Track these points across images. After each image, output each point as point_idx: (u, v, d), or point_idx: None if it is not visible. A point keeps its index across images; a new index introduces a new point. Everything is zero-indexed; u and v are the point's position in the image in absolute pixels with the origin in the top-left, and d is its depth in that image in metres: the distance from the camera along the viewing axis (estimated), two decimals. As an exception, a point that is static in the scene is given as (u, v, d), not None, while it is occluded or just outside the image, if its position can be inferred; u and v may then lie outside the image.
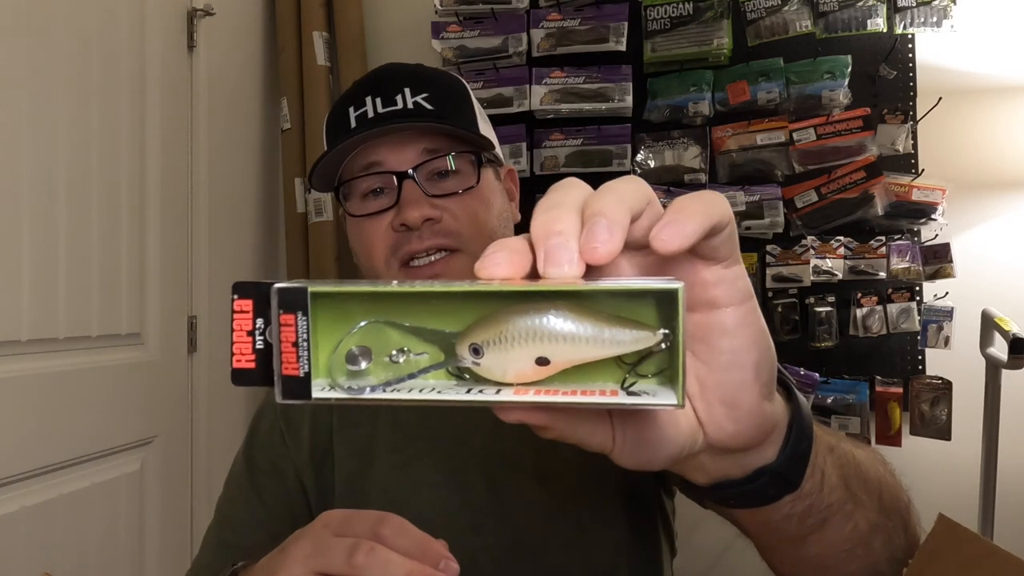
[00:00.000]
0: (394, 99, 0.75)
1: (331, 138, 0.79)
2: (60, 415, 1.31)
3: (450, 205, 0.75)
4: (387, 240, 0.75)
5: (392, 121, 0.74)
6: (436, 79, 0.80)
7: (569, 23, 1.83)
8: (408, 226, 0.73)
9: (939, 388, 1.67)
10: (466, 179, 0.77)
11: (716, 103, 1.79)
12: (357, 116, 0.76)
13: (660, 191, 1.80)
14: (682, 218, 0.31)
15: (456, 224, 0.75)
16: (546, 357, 0.30)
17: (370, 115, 0.75)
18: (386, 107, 0.75)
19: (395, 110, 0.75)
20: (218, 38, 1.79)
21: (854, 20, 1.72)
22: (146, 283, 1.54)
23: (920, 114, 1.71)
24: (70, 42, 1.34)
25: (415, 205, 0.73)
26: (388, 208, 0.75)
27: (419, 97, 0.76)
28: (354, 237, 0.79)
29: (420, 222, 0.73)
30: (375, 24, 2.04)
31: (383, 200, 0.76)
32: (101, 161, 1.41)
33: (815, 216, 1.74)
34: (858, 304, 1.71)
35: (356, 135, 0.74)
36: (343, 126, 0.77)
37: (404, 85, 0.76)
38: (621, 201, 0.31)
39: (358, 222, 0.77)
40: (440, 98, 0.77)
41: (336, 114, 0.80)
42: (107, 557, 1.42)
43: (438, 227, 0.74)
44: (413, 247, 0.74)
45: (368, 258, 0.77)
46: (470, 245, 0.75)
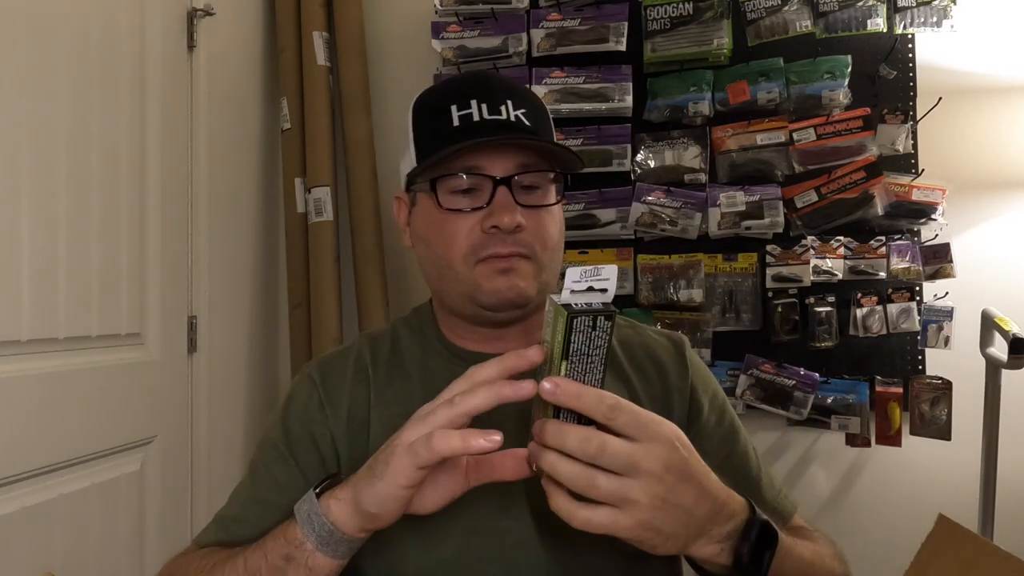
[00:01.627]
0: (499, 108, 0.80)
1: (426, 130, 0.83)
2: (60, 415, 1.31)
3: (531, 217, 0.79)
4: (472, 238, 0.79)
5: (499, 130, 0.79)
6: (530, 97, 0.84)
7: (569, 23, 1.83)
8: (500, 229, 0.77)
9: (939, 388, 1.68)
10: (548, 196, 0.82)
11: (716, 103, 1.79)
12: (461, 116, 0.79)
13: (660, 191, 1.80)
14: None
15: (532, 237, 0.80)
16: None
17: (475, 119, 0.79)
18: (491, 115, 0.79)
19: (500, 120, 0.79)
20: (218, 38, 1.79)
21: (854, 20, 1.72)
22: (146, 283, 1.54)
23: (920, 114, 1.71)
24: (70, 42, 1.34)
25: (509, 211, 0.77)
26: (477, 208, 0.79)
27: (519, 112, 0.80)
28: (432, 229, 0.83)
29: (512, 227, 0.77)
30: (375, 24, 2.04)
31: (472, 200, 0.80)
32: (101, 161, 1.41)
33: (815, 216, 1.74)
34: (858, 304, 1.71)
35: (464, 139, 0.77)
36: (445, 123, 0.80)
37: (508, 97, 0.81)
38: None
39: (443, 216, 0.80)
40: (534, 116, 0.82)
41: (435, 108, 0.82)
42: (107, 557, 1.42)
43: (520, 236, 0.79)
44: (498, 249, 0.78)
45: (446, 249, 0.81)
46: (540, 256, 0.81)
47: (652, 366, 0.88)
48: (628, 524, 0.57)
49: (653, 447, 0.57)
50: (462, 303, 0.83)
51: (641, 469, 0.56)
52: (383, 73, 2.05)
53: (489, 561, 0.77)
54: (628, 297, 1.83)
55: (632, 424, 0.57)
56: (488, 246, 0.79)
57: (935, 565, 0.46)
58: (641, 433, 0.57)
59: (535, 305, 0.81)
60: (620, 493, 0.56)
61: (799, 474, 1.82)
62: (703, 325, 1.79)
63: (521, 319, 0.83)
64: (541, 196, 0.82)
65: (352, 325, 1.97)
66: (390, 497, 0.61)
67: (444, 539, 0.77)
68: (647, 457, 0.57)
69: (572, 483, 0.56)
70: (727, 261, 1.79)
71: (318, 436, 0.84)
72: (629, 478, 0.56)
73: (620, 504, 0.56)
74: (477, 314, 0.83)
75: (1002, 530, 1.48)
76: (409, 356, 0.88)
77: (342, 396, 0.86)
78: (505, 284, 0.78)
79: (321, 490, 0.68)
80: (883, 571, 1.73)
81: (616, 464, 0.56)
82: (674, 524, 0.58)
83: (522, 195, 0.80)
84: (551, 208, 0.83)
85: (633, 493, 0.56)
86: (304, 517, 0.67)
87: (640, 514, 0.57)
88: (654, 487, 0.57)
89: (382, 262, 1.92)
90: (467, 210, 0.79)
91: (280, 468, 0.84)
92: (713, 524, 0.61)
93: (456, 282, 0.81)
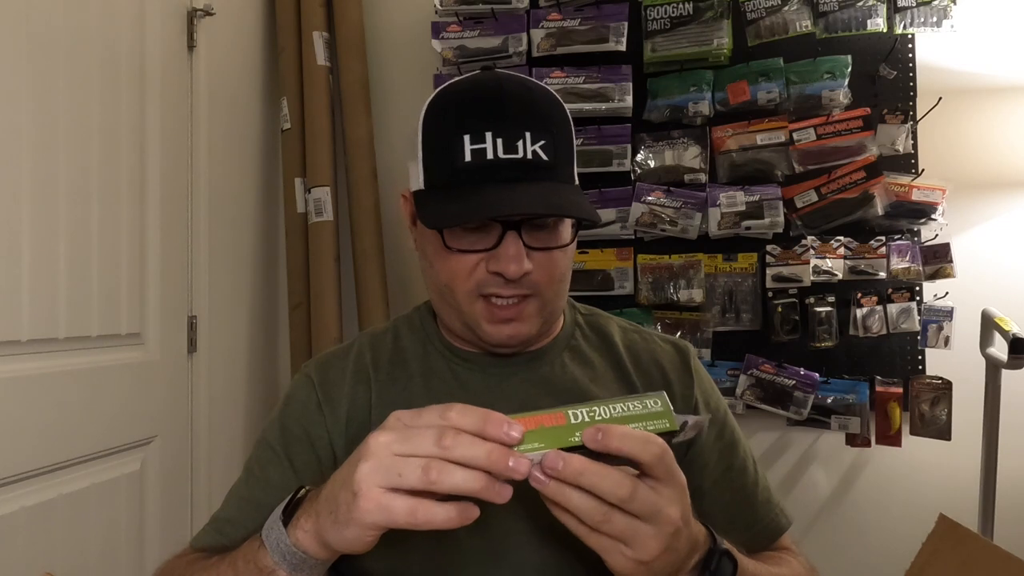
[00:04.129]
0: (515, 145, 0.74)
1: (438, 155, 0.77)
2: (60, 415, 1.31)
3: (540, 258, 0.77)
4: (475, 277, 0.77)
5: (513, 170, 0.74)
6: (552, 119, 0.78)
7: (569, 23, 1.83)
8: (505, 277, 0.75)
9: (939, 388, 1.68)
10: (561, 236, 0.79)
11: (716, 103, 1.79)
12: (473, 151, 0.74)
13: (660, 191, 1.80)
14: None
15: (540, 277, 0.77)
16: None
17: (489, 156, 0.73)
18: (507, 153, 0.74)
19: (515, 160, 0.74)
20: (218, 38, 1.79)
21: (854, 20, 1.72)
22: (146, 283, 1.54)
23: (920, 114, 1.71)
24: (70, 42, 1.34)
25: (516, 261, 0.74)
26: (487, 249, 0.76)
27: (538, 145, 0.75)
28: (437, 258, 0.80)
29: (519, 276, 0.75)
30: (375, 24, 2.04)
31: (479, 239, 0.76)
32: (101, 161, 1.41)
33: (815, 216, 1.74)
34: (858, 304, 1.71)
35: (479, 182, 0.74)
36: (456, 154, 0.74)
37: (525, 128, 0.75)
38: None
39: (450, 252, 0.77)
40: (555, 147, 0.76)
41: (446, 132, 0.76)
42: (107, 557, 1.42)
43: (526, 280, 0.76)
44: (500, 291, 0.77)
45: (451, 282, 0.79)
46: (545, 292, 0.79)
47: (658, 373, 0.88)
48: (627, 561, 0.57)
49: (675, 494, 0.58)
50: (462, 329, 0.83)
51: (661, 518, 0.57)
52: (383, 73, 2.05)
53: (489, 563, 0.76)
54: (628, 297, 1.83)
55: (666, 472, 0.57)
56: (491, 285, 0.77)
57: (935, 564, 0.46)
58: (668, 479, 0.58)
59: (539, 336, 0.83)
60: (631, 534, 0.56)
61: (799, 474, 1.82)
62: (703, 325, 1.79)
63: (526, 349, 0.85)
64: (553, 236, 0.78)
65: (352, 325, 1.97)
66: (358, 540, 0.58)
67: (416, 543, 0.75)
68: (670, 505, 0.57)
69: (586, 517, 0.56)
70: (727, 261, 1.79)
71: (315, 437, 0.83)
72: (644, 522, 0.56)
73: (630, 542, 0.57)
74: (476, 343, 0.83)
75: (1002, 530, 1.48)
76: (411, 355, 0.87)
77: (341, 397, 0.85)
78: (505, 333, 0.78)
79: (287, 514, 0.65)
80: (883, 570, 1.73)
81: (641, 510, 0.56)
82: (667, 565, 0.59)
83: (532, 236, 0.76)
84: (567, 248, 0.80)
85: (644, 536, 0.56)
86: (273, 545, 0.64)
87: (643, 555, 0.57)
88: (666, 534, 0.57)
89: (382, 262, 1.92)
90: (473, 251, 0.76)
91: (274, 469, 0.83)
92: (688, 559, 0.62)
93: (457, 311, 0.80)
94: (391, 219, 1.97)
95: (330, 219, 1.90)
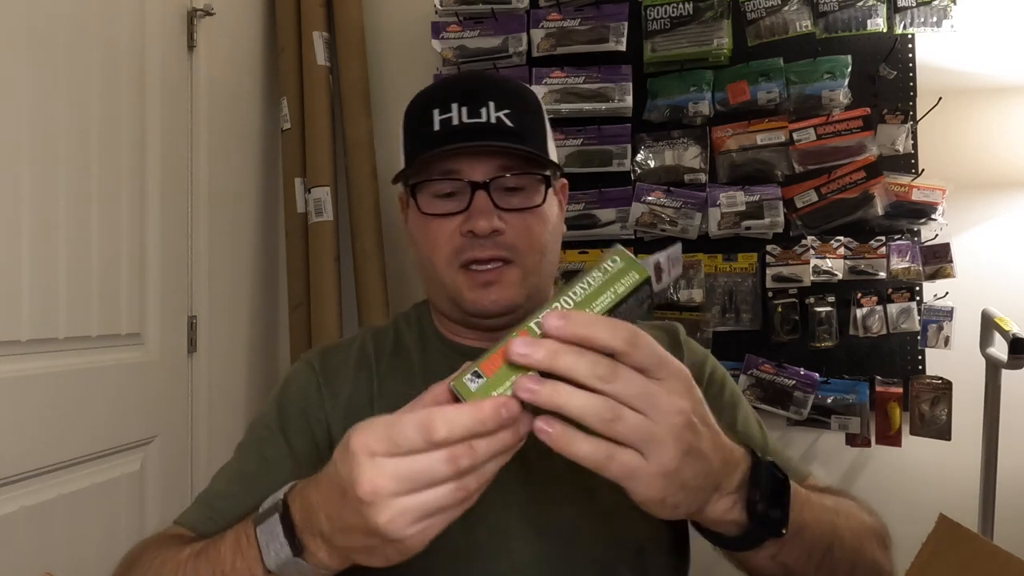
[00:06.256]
0: (479, 111, 0.79)
1: (412, 136, 0.84)
2: (60, 415, 1.31)
3: (514, 220, 0.80)
4: (452, 243, 0.80)
5: (476, 134, 0.78)
6: (518, 95, 0.83)
7: (569, 23, 1.83)
8: (475, 234, 0.78)
9: (939, 388, 1.67)
10: (532, 197, 0.81)
11: (716, 103, 1.79)
12: (442, 120, 0.80)
13: (660, 191, 1.80)
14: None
15: (516, 239, 0.80)
16: None
17: (455, 123, 0.79)
18: (471, 118, 0.79)
19: (479, 123, 0.79)
20: (218, 38, 1.79)
21: (854, 20, 1.72)
22: (146, 283, 1.54)
23: (920, 114, 1.71)
24: (70, 42, 1.34)
25: (485, 216, 0.78)
26: (458, 212, 0.79)
27: (502, 113, 0.80)
28: (419, 232, 0.84)
29: (488, 232, 0.78)
30: (375, 24, 2.04)
31: (453, 204, 0.80)
32: (101, 161, 1.41)
33: (815, 216, 1.74)
34: (858, 304, 1.71)
35: (442, 145, 0.78)
36: (427, 128, 0.80)
37: (489, 98, 0.80)
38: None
39: (426, 220, 0.81)
40: (520, 116, 0.81)
41: (419, 112, 0.83)
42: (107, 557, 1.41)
43: (500, 240, 0.79)
44: (476, 254, 0.79)
45: (431, 252, 0.82)
46: (524, 259, 0.80)
47: None
48: (653, 472, 0.48)
49: (675, 384, 0.49)
50: (449, 306, 0.84)
51: (663, 406, 0.48)
52: (383, 73, 2.05)
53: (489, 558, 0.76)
54: (628, 297, 1.83)
55: (650, 357, 0.48)
56: (468, 250, 0.79)
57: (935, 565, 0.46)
58: (660, 369, 0.49)
59: (525, 310, 0.80)
60: (646, 430, 0.47)
61: (799, 474, 1.82)
62: (703, 325, 1.79)
63: (513, 320, 0.81)
64: (526, 198, 0.81)
65: (352, 325, 1.96)
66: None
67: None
68: (672, 394, 0.48)
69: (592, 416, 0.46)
70: (727, 261, 1.79)
71: (313, 419, 0.84)
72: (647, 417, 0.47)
73: (645, 447, 0.47)
74: (465, 319, 0.84)
75: (1002, 530, 1.48)
76: (411, 349, 0.89)
77: (343, 382, 0.86)
78: (488, 298, 0.79)
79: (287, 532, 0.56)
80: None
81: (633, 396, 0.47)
82: (697, 475, 0.50)
83: (504, 198, 0.80)
84: (538, 210, 0.82)
85: (660, 432, 0.47)
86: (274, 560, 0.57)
87: (666, 460, 0.48)
88: (680, 429, 0.48)
89: (382, 262, 1.92)
90: (447, 214, 0.80)
91: (269, 444, 0.83)
92: (724, 475, 0.54)
93: (441, 284, 0.82)
94: (391, 219, 1.97)
95: (330, 219, 1.90)
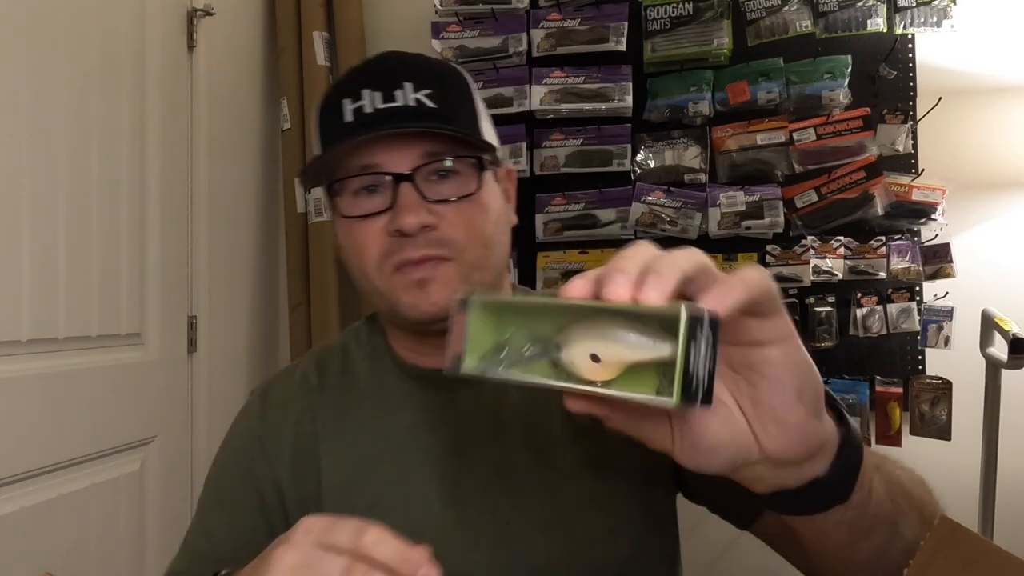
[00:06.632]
0: (393, 94, 0.70)
1: (324, 131, 0.75)
2: (60, 415, 1.31)
3: (447, 212, 0.70)
4: (380, 244, 0.70)
5: (392, 120, 0.69)
6: (439, 72, 0.74)
7: (569, 23, 1.83)
8: (403, 232, 0.68)
9: (939, 388, 1.67)
10: (466, 184, 0.72)
11: (716, 103, 1.79)
12: (354, 110, 0.70)
13: (660, 191, 1.80)
14: (725, 291, 0.39)
15: (452, 233, 0.70)
16: (596, 355, 0.39)
17: (368, 111, 0.70)
18: (385, 103, 0.70)
19: (395, 107, 0.70)
20: (218, 38, 1.79)
21: (854, 20, 1.72)
22: (146, 283, 1.54)
23: (920, 114, 1.71)
24: (70, 42, 1.34)
25: (412, 211, 0.68)
26: (383, 211, 0.70)
27: (421, 93, 0.70)
28: (345, 236, 0.74)
29: (417, 229, 0.68)
30: (375, 24, 2.04)
31: (377, 201, 0.71)
32: (101, 161, 1.41)
33: (815, 216, 1.74)
34: (858, 304, 1.71)
35: (354, 136, 0.69)
36: (338, 120, 0.71)
37: (405, 79, 0.71)
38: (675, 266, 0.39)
39: (349, 223, 0.72)
40: (443, 95, 0.72)
41: (330, 105, 0.73)
42: (107, 557, 1.42)
43: (433, 235, 0.70)
44: (408, 255, 0.69)
45: (359, 259, 0.72)
46: (463, 254, 0.71)
47: None
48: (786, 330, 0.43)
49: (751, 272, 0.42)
50: (390, 315, 0.76)
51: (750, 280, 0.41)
52: (383, 73, 2.05)
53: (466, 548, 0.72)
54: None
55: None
56: (398, 252, 0.70)
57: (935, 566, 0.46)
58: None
59: None
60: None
61: (799, 474, 1.82)
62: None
63: None
64: (458, 186, 0.71)
65: (352, 325, 1.96)
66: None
67: None
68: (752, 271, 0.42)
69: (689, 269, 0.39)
70: (727, 261, 1.79)
71: (259, 477, 0.77)
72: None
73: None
74: (408, 327, 0.75)
75: (1002, 530, 1.48)
76: (360, 374, 0.80)
77: (286, 428, 0.78)
78: (425, 300, 0.69)
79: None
80: (883, 571, 1.73)
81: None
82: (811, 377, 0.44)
83: (433, 188, 0.70)
84: (475, 198, 0.72)
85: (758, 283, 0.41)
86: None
87: (783, 329, 0.43)
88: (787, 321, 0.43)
89: (382, 262, 1.92)
90: (370, 214, 0.70)
91: (215, 516, 0.77)
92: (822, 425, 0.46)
93: (378, 294, 0.73)
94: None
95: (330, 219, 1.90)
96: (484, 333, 0.44)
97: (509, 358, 0.43)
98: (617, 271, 0.39)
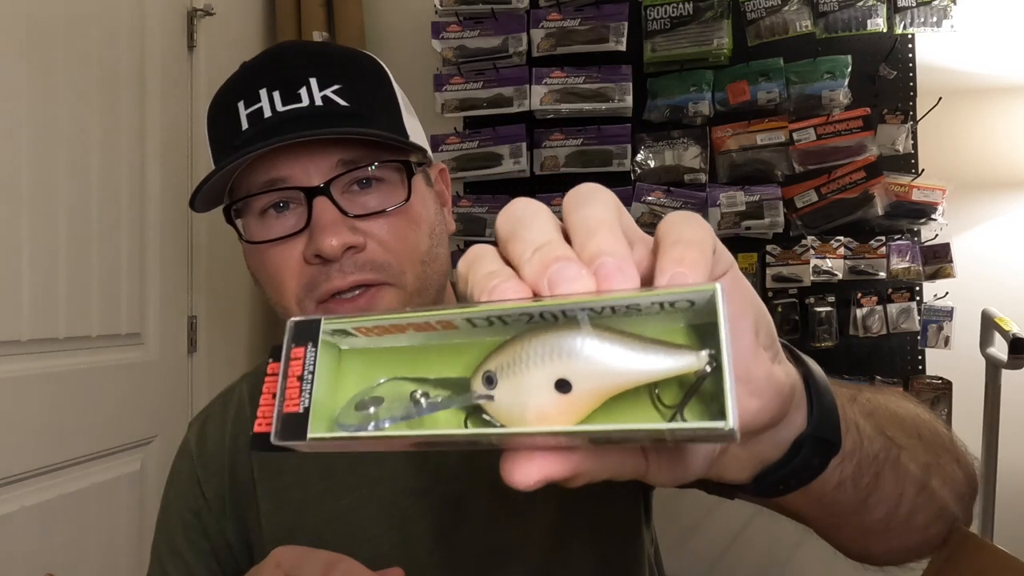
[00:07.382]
0: (297, 93, 0.59)
1: (217, 142, 0.63)
2: (60, 415, 1.31)
3: (373, 228, 0.60)
4: (300, 275, 0.60)
5: (297, 125, 0.58)
6: (348, 64, 0.64)
7: (569, 23, 1.83)
8: (325, 257, 0.58)
9: (939, 388, 1.68)
10: (392, 193, 0.62)
11: (716, 103, 1.79)
12: (249, 115, 0.60)
13: (660, 191, 1.80)
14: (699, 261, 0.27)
15: (383, 254, 0.60)
16: (566, 379, 0.25)
17: (267, 115, 0.59)
18: (287, 104, 0.59)
19: (299, 108, 0.59)
20: (218, 38, 1.78)
21: (854, 20, 1.72)
22: (146, 283, 1.54)
23: (920, 114, 1.71)
24: (70, 42, 1.34)
25: (332, 231, 0.58)
26: (298, 232, 0.60)
27: (329, 90, 0.60)
28: (256, 265, 0.63)
29: (340, 252, 0.58)
30: (375, 24, 2.04)
31: (289, 220, 0.60)
32: (101, 161, 1.40)
33: (815, 216, 1.74)
34: (858, 304, 1.71)
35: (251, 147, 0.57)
36: (233, 128, 0.60)
37: (309, 74, 0.60)
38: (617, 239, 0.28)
39: (258, 250, 0.61)
40: (355, 90, 0.62)
41: (220, 110, 0.63)
42: (107, 557, 1.42)
43: (361, 257, 0.60)
44: (334, 284, 0.59)
45: (277, 294, 0.62)
46: (401, 277, 0.61)
47: None
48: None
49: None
50: None
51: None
52: (383, 73, 2.05)
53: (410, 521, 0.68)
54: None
55: None
56: (322, 281, 0.59)
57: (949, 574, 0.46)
58: None
59: None
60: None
61: (799, 474, 1.82)
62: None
63: None
64: (384, 196, 0.61)
65: (352, 325, 1.96)
66: None
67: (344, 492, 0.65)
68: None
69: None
70: (727, 261, 1.79)
71: (206, 523, 0.72)
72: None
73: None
74: None
75: (1002, 530, 1.48)
76: None
77: (221, 468, 0.71)
78: None
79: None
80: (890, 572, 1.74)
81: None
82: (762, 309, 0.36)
83: (354, 201, 0.60)
84: (405, 208, 0.62)
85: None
86: None
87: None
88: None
89: (382, 262, 1.92)
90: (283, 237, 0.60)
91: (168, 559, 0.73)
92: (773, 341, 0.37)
93: None
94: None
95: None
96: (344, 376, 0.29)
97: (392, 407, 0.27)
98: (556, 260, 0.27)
